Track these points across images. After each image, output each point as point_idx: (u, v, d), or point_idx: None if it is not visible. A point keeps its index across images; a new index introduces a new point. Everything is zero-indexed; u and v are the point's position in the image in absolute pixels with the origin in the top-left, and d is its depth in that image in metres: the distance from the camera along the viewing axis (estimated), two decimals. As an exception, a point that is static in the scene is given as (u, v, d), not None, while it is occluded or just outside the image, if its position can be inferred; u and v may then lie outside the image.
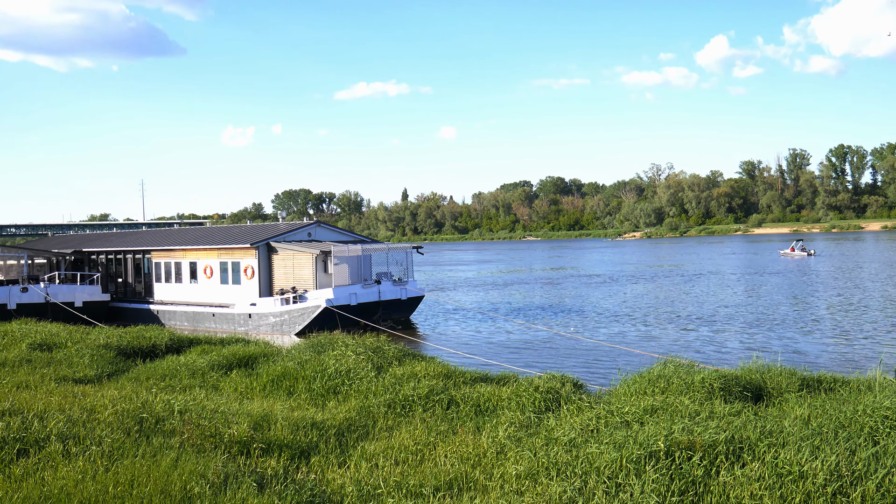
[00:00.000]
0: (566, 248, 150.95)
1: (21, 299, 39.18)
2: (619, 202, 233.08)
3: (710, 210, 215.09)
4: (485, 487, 8.85)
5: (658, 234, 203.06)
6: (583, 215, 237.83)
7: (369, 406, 13.54)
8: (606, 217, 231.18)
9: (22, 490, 7.80)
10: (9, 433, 9.73)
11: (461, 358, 24.49)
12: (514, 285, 62.07)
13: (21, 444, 9.47)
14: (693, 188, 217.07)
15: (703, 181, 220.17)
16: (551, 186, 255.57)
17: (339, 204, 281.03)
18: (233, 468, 8.82)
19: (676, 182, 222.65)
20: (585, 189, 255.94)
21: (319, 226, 42.30)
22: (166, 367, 17.81)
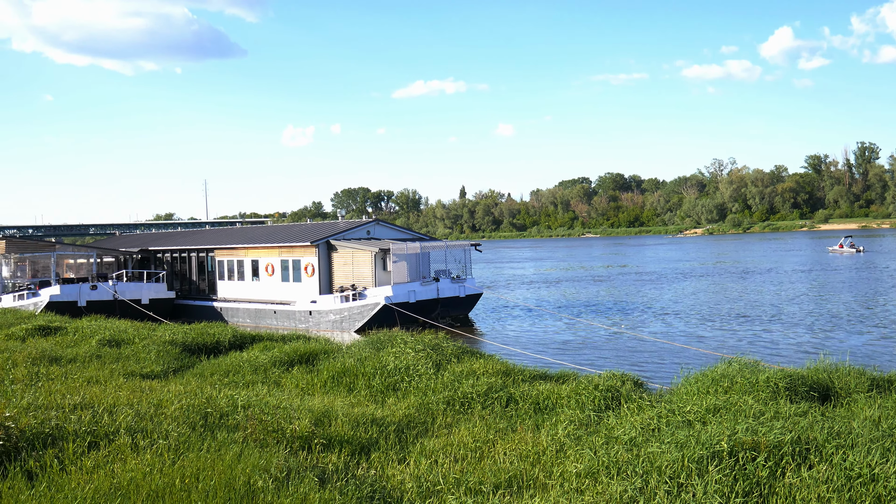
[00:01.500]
0: (625, 244, 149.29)
1: (91, 297, 40.34)
2: (679, 198, 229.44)
3: (774, 206, 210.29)
4: (544, 486, 8.81)
5: (720, 231, 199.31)
6: (642, 212, 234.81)
7: (428, 403, 13.58)
8: (667, 213, 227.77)
9: (93, 482, 8.02)
10: (80, 426, 10.02)
11: (519, 355, 24.41)
12: (573, 282, 61.63)
13: (92, 437, 9.73)
14: (756, 183, 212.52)
15: (767, 176, 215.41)
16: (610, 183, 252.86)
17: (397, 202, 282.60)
18: (294, 463, 8.94)
19: (739, 177, 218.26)
20: (645, 185, 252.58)
21: (378, 224, 42.61)
22: (230, 364, 18.12)
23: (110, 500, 7.45)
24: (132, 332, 23.90)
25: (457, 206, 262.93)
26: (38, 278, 43.80)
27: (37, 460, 8.86)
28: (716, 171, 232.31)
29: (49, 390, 13.05)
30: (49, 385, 13.93)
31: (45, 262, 44.78)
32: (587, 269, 79.55)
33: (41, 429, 9.71)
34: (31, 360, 17.86)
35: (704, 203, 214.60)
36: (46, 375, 15.63)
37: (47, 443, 9.43)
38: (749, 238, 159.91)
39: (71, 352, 19.83)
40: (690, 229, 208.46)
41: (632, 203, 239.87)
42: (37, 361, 17.76)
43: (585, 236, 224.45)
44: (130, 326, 25.68)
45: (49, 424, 9.91)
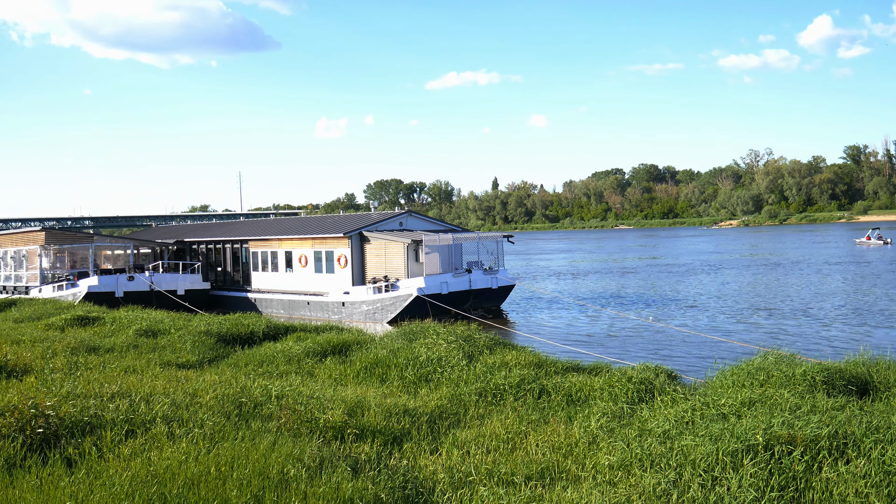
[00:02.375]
0: (659, 236, 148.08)
1: (128, 287, 40.91)
2: (714, 189, 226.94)
3: (811, 197, 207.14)
4: (577, 478, 8.79)
5: (756, 222, 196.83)
6: (677, 203, 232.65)
7: (460, 394, 13.60)
8: (702, 205, 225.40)
9: (130, 469, 8.15)
10: (118, 415, 10.18)
11: (552, 347, 24.34)
12: (606, 274, 61.29)
13: (129, 425, 9.89)
14: (794, 174, 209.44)
15: (804, 167, 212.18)
16: (644, 174, 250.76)
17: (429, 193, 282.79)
18: (328, 452, 9.00)
19: (776, 168, 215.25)
20: (680, 176, 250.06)
21: (411, 215, 42.67)
22: (264, 354, 18.28)
23: (147, 487, 7.56)
24: (168, 322, 24.20)
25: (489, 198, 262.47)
26: (76, 269, 44.50)
27: (76, 448, 9.02)
28: (752, 162, 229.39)
29: (88, 379, 13.26)
30: (87, 374, 14.16)
31: (83, 253, 45.48)
32: (619, 260, 79.06)
33: (80, 417, 9.88)
34: (70, 349, 18.17)
35: (740, 194, 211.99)
36: (85, 365, 15.89)
37: (86, 431, 9.60)
38: (785, 230, 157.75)
39: (109, 341, 20.14)
40: (725, 221, 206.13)
41: (666, 194, 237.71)
42: (76, 351, 18.06)
43: (618, 228, 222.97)
44: (166, 317, 25.99)
45: (88, 413, 10.09)
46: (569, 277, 60.05)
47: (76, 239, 46.94)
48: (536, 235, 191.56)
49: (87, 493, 7.49)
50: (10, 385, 12.91)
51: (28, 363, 15.56)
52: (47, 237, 45.06)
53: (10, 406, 9.73)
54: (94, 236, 48.12)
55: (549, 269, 70.82)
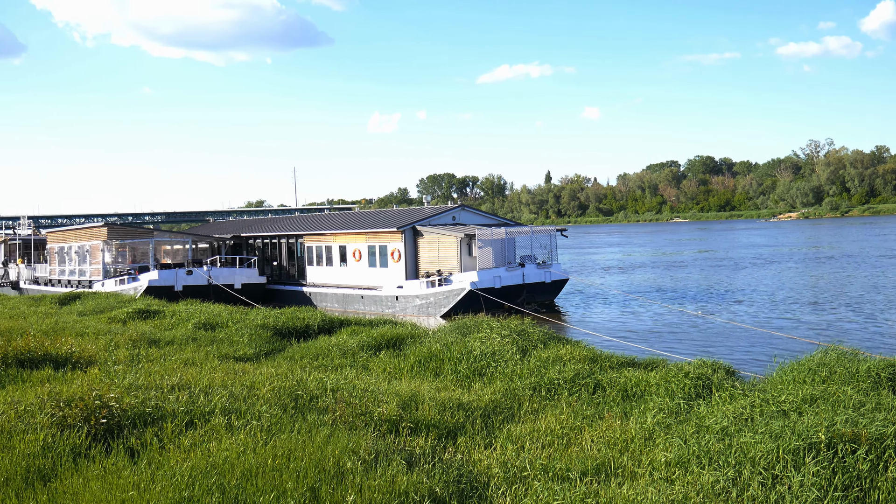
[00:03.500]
0: (716, 229, 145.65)
1: (186, 281, 41.71)
2: (773, 181, 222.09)
3: (874, 188, 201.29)
4: (633, 474, 8.70)
5: (816, 215, 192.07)
6: (734, 195, 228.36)
7: (514, 388, 13.56)
8: (759, 197, 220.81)
9: (190, 459, 8.31)
10: (178, 406, 10.39)
11: (606, 342, 24.13)
12: (659, 268, 60.51)
13: (189, 416, 10.08)
14: (856, 165, 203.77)
15: (867, 157, 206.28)
16: (700, 166, 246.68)
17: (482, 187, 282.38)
18: (382, 446, 9.05)
19: (837, 159, 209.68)
20: (737, 168, 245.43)
21: (463, 209, 42.67)
22: (319, 347, 18.47)
23: (207, 477, 7.70)
24: (226, 315, 24.58)
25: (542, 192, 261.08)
26: (137, 264, 45.51)
27: (138, 438, 9.23)
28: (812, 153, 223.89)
29: (149, 371, 13.56)
30: (149, 366, 14.47)
31: (144, 248, 46.49)
32: (673, 254, 77.97)
33: (142, 408, 10.11)
34: (131, 342, 18.59)
35: (799, 186, 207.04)
36: (146, 357, 16.25)
37: (147, 422, 9.82)
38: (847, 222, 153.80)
39: (168, 334, 20.55)
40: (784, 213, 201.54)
41: (722, 186, 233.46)
42: (137, 343, 18.47)
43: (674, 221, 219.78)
44: (224, 310, 26.40)
45: (149, 404, 10.31)
46: (622, 271, 59.45)
47: (137, 234, 47.99)
48: (590, 229, 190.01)
49: (149, 483, 7.65)
50: (74, 376, 13.27)
51: (92, 355, 15.97)
52: (109, 233, 46.15)
53: (75, 397, 10.00)
54: (154, 232, 49.15)
55: (602, 262, 70.20)
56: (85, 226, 50.68)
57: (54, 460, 8.53)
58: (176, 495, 7.25)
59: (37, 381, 13.11)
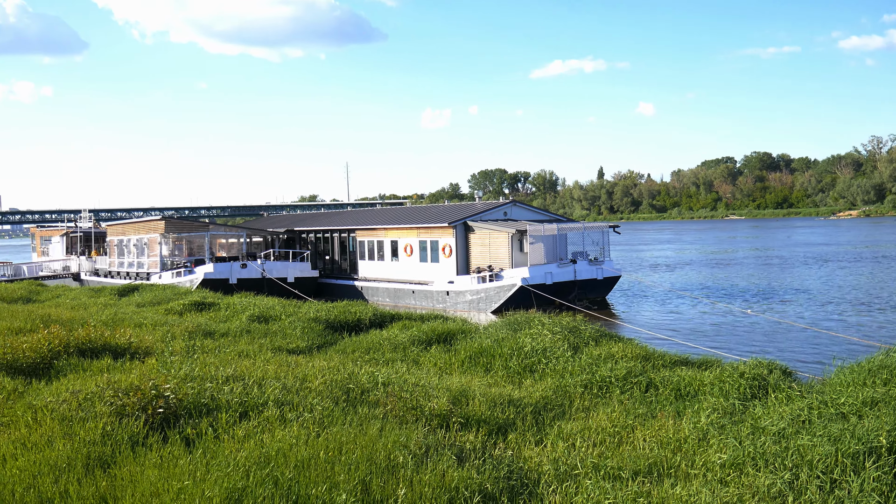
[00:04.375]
0: (772, 227, 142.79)
1: (241, 274, 42.34)
2: (832, 178, 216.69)
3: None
4: (686, 474, 8.57)
5: (878, 213, 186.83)
6: (792, 192, 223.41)
7: (565, 385, 13.48)
8: (818, 194, 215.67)
9: (244, 450, 8.43)
10: (232, 397, 10.55)
11: (659, 340, 23.85)
12: (715, 266, 59.55)
13: (243, 407, 10.23)
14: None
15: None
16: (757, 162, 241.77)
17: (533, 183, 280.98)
18: (433, 440, 9.08)
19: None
20: (795, 164, 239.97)
21: (515, 205, 42.53)
22: (370, 341, 18.59)
23: (260, 468, 7.80)
24: (279, 309, 24.87)
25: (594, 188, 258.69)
26: (193, 257, 46.32)
27: (193, 428, 9.40)
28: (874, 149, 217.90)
29: (204, 363, 13.78)
30: (204, 358, 14.72)
31: (199, 241, 47.29)
32: (728, 251, 76.67)
33: (197, 399, 10.29)
34: (187, 333, 18.94)
35: (860, 183, 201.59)
36: (201, 348, 16.53)
37: (203, 412, 9.99)
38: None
39: (223, 326, 20.88)
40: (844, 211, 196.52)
41: (780, 183, 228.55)
42: (193, 335, 18.81)
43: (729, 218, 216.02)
44: (277, 303, 26.71)
45: (204, 395, 10.49)
46: (676, 268, 58.66)
47: (193, 228, 48.85)
48: (643, 226, 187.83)
49: (204, 473, 7.78)
50: (133, 366, 13.56)
51: (149, 346, 16.31)
52: (167, 226, 47.05)
53: (133, 386, 10.23)
54: (209, 225, 49.97)
55: (655, 259, 69.37)
56: (143, 219, 51.75)
57: (113, 448, 8.74)
58: (230, 485, 7.36)
59: (97, 370, 13.43)
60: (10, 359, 13.97)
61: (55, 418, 9.80)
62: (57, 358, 14.38)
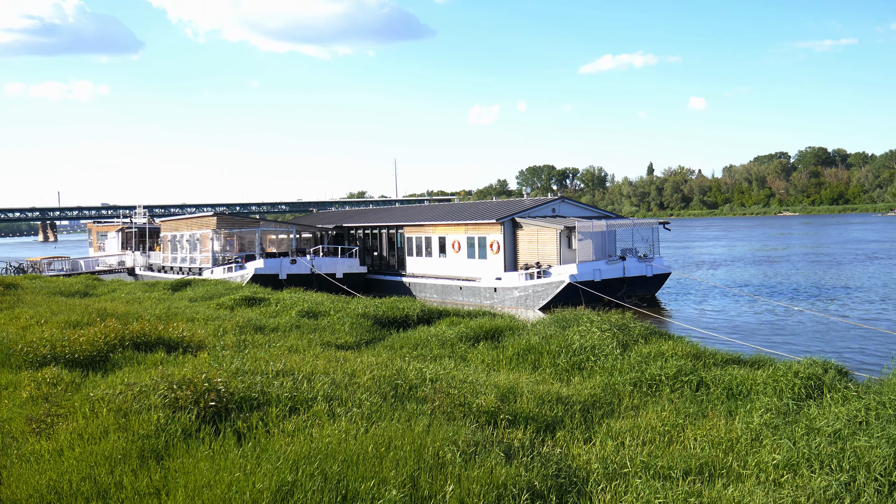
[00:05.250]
0: (827, 224, 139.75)
1: (290, 270, 42.80)
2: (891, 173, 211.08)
3: None
4: (739, 475, 8.43)
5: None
6: (847, 188, 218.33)
7: (614, 383, 13.36)
8: (876, 190, 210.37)
9: (294, 444, 8.51)
10: (282, 392, 10.65)
11: (710, 338, 23.50)
12: (768, 263, 58.48)
13: (292, 402, 10.32)
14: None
15: None
16: (811, 157, 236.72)
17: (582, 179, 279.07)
18: (481, 437, 9.06)
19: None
20: (851, 160, 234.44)
21: (563, 201, 42.29)
22: (418, 337, 18.62)
23: (310, 463, 7.87)
24: (328, 304, 25.06)
25: (644, 184, 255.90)
26: (244, 252, 46.96)
27: (244, 422, 9.52)
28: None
29: (254, 357, 13.95)
30: (254, 352, 14.90)
31: (250, 237, 47.93)
32: (780, 248, 75.21)
33: (248, 393, 10.42)
34: (238, 328, 19.19)
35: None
36: (252, 343, 16.74)
37: (253, 406, 10.11)
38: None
39: (273, 321, 21.10)
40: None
41: (835, 179, 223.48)
42: (243, 330, 19.05)
43: (782, 215, 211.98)
44: (326, 299, 26.92)
45: (255, 389, 10.62)
46: (727, 265, 57.74)
47: (244, 224, 49.51)
48: (693, 222, 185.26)
49: (255, 466, 7.88)
50: (185, 360, 13.79)
51: (201, 340, 16.56)
52: (218, 222, 47.77)
53: (186, 380, 10.40)
54: (259, 221, 50.59)
55: (706, 256, 68.36)
56: (196, 215, 52.59)
57: (167, 440, 8.89)
58: (280, 478, 7.44)
59: (151, 363, 13.69)
60: (68, 352, 14.33)
61: (111, 410, 10.01)
62: (113, 351, 14.70)
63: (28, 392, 12.01)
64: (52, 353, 14.37)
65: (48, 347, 14.60)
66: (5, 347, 15.97)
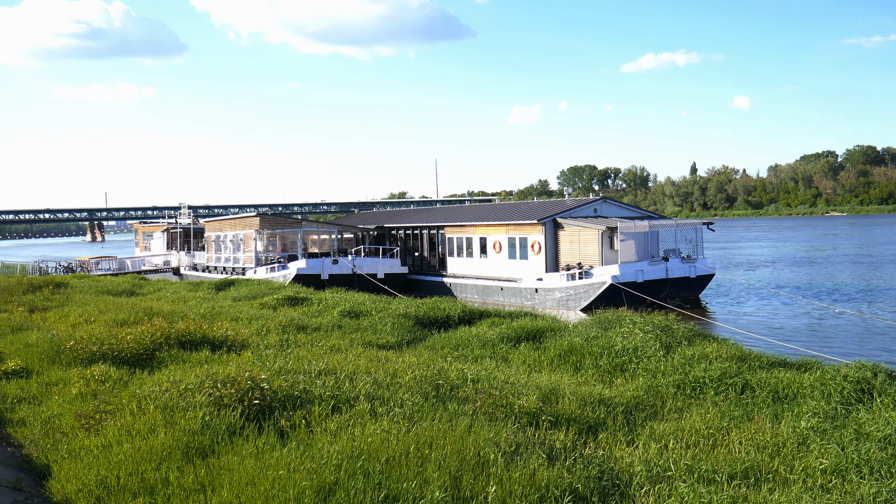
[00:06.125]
0: (876, 224, 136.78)
1: (332, 270, 43.09)
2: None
3: None
4: (785, 480, 8.30)
5: None
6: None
7: (657, 385, 13.23)
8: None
9: (336, 443, 8.58)
10: (324, 391, 10.74)
11: (755, 340, 23.15)
12: (815, 264, 57.43)
13: (334, 401, 10.40)
14: None
15: None
16: (860, 156, 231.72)
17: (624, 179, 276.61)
18: (523, 438, 9.03)
19: None
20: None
21: (605, 201, 42.00)
22: (459, 338, 18.62)
23: (352, 462, 7.92)
24: (369, 304, 25.17)
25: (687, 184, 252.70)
26: (286, 252, 47.39)
27: (287, 420, 9.61)
28: None
29: (297, 356, 14.08)
30: (297, 351, 15.04)
31: (293, 237, 48.35)
32: (827, 249, 73.79)
33: (291, 391, 10.52)
34: (281, 327, 19.38)
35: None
36: (294, 342, 16.89)
37: (296, 404, 10.21)
38: None
39: (315, 321, 21.27)
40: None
41: (885, 178, 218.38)
42: (286, 329, 19.22)
43: (829, 215, 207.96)
44: (368, 299, 27.04)
45: (297, 388, 10.72)
46: (772, 267, 56.84)
47: (287, 224, 49.98)
48: (738, 223, 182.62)
49: (298, 464, 7.95)
50: (229, 359, 13.98)
51: (245, 339, 16.76)
52: (261, 222, 48.28)
53: (230, 378, 10.53)
54: (302, 222, 51.02)
55: (751, 257, 67.37)
56: (239, 215, 53.20)
57: (212, 437, 9.02)
58: (323, 477, 7.50)
59: (196, 362, 13.89)
60: (115, 349, 14.61)
61: (157, 407, 10.17)
62: (159, 349, 14.95)
63: (77, 389, 12.27)
64: (101, 350, 14.67)
65: (97, 345, 14.91)
66: (56, 345, 16.35)
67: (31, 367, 15.09)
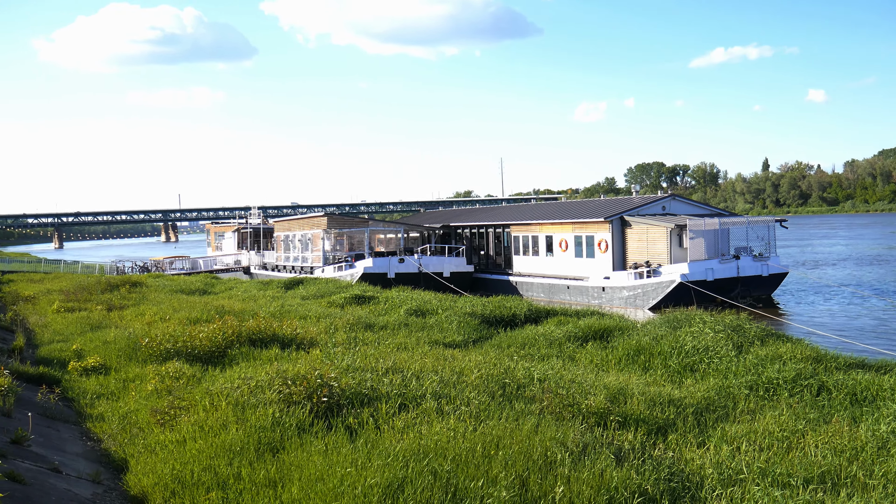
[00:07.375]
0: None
1: (398, 269, 43.36)
2: None
3: None
4: (864, 485, 8.03)
5: None
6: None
7: (728, 386, 12.94)
8: None
9: (404, 441, 8.62)
10: (391, 389, 10.81)
11: (831, 340, 22.48)
12: (890, 262, 55.45)
13: (401, 399, 10.46)
14: None
15: None
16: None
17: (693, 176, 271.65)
18: (590, 438, 8.95)
19: None
20: None
21: (674, 199, 41.32)
22: (525, 336, 18.54)
23: (419, 460, 7.94)
24: (435, 303, 25.24)
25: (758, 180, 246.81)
26: (354, 251, 47.88)
27: (355, 417, 9.70)
28: None
29: (364, 354, 14.21)
30: (364, 349, 15.17)
31: (359, 236, 48.83)
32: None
33: (358, 389, 10.62)
34: (348, 325, 19.58)
35: None
36: (362, 340, 17.04)
37: (364, 402, 10.30)
38: None
39: (382, 319, 21.43)
40: None
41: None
42: (353, 327, 19.42)
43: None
44: (434, 298, 27.12)
45: (365, 385, 10.81)
46: (848, 265, 55.11)
47: (354, 224, 50.50)
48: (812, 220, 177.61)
49: (366, 461, 8.02)
50: (298, 356, 14.18)
51: (313, 337, 16.98)
52: (329, 222, 48.87)
53: (299, 375, 10.69)
54: (368, 221, 51.47)
55: (826, 255, 65.44)
56: (307, 215, 53.94)
57: (282, 433, 9.16)
58: (391, 474, 7.54)
59: (266, 359, 14.14)
60: (189, 347, 14.97)
61: (229, 404, 10.38)
62: (230, 347, 15.27)
63: (153, 385, 12.61)
64: (175, 348, 15.06)
65: (171, 343, 15.31)
66: (132, 342, 16.84)
67: (110, 363, 15.58)
